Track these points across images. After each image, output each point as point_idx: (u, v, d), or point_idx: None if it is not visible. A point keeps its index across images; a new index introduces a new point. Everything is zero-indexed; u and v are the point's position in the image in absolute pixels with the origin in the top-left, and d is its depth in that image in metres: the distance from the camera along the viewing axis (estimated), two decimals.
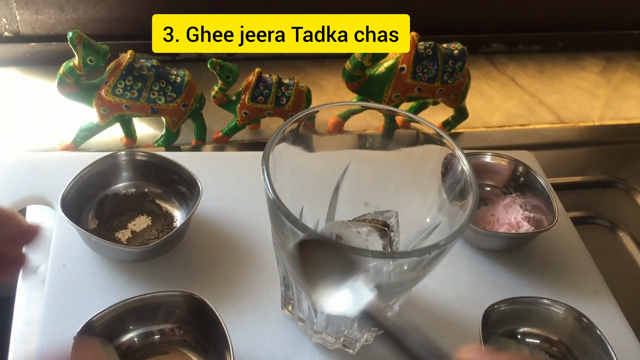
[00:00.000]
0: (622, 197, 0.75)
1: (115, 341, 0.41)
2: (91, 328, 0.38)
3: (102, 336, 0.40)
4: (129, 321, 0.42)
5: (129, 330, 0.42)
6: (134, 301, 0.41)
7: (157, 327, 0.43)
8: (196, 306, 0.42)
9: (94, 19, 0.74)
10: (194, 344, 0.43)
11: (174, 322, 0.43)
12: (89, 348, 0.34)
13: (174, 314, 0.43)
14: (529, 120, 0.82)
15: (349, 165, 0.45)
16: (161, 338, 0.43)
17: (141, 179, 0.55)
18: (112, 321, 0.41)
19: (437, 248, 0.34)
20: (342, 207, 0.46)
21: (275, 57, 0.84)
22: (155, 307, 0.42)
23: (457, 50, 0.65)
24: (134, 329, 0.42)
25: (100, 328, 0.40)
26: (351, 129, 0.45)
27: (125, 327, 0.42)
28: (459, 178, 0.40)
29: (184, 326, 0.43)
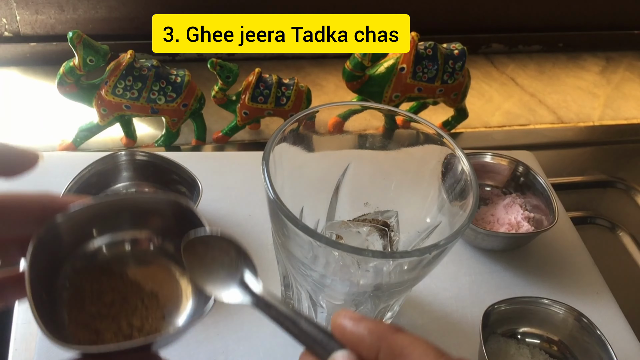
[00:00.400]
0: (622, 197, 0.75)
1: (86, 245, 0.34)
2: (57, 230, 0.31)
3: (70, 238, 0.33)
4: (102, 225, 0.34)
5: (102, 234, 0.35)
6: (113, 200, 0.35)
7: (138, 232, 0.35)
8: (181, 212, 0.35)
9: (94, 19, 0.74)
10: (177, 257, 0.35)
11: (155, 230, 0.36)
12: None
13: (156, 221, 0.36)
14: (529, 120, 0.82)
15: (349, 165, 0.45)
16: (140, 247, 0.36)
17: (141, 179, 0.55)
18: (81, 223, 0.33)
19: (437, 248, 0.34)
20: (342, 207, 0.46)
21: (275, 57, 0.84)
22: (137, 209, 0.35)
23: (457, 50, 0.65)
24: (107, 233, 0.35)
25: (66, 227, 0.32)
26: (351, 129, 0.45)
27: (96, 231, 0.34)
28: (459, 178, 0.40)
29: (166, 235, 0.36)
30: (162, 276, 0.35)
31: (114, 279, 0.34)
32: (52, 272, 0.32)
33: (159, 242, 0.35)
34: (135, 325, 0.32)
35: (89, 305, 0.32)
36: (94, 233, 0.34)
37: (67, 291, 0.32)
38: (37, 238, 0.29)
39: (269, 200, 0.36)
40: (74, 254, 0.33)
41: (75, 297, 0.32)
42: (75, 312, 0.31)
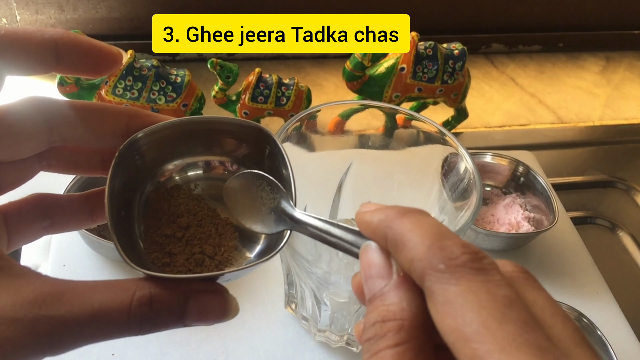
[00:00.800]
0: (622, 197, 0.75)
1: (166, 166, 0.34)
2: (135, 143, 0.30)
3: (150, 156, 0.32)
4: (184, 146, 0.33)
5: (183, 156, 0.34)
6: (197, 121, 0.33)
7: (220, 157, 0.34)
8: (261, 139, 0.33)
9: (94, 19, 0.74)
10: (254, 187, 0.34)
11: (234, 156, 0.35)
12: None
13: (237, 146, 0.34)
14: (529, 120, 0.82)
15: (351, 164, 0.45)
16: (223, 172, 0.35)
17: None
18: (162, 141, 0.32)
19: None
20: (345, 206, 0.46)
21: (275, 57, 0.84)
22: (219, 133, 0.34)
23: (457, 50, 0.65)
24: (188, 156, 0.34)
25: (147, 145, 0.31)
26: (353, 128, 0.45)
27: (179, 152, 0.34)
28: (462, 177, 0.40)
29: (245, 162, 0.34)
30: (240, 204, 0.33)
31: (192, 203, 0.33)
32: (132, 189, 0.32)
33: (238, 169, 0.34)
34: (207, 252, 0.31)
35: (165, 226, 0.32)
36: (175, 154, 0.34)
37: (145, 210, 0.32)
38: (120, 152, 0.29)
39: None
40: (154, 172, 0.33)
41: (153, 217, 0.32)
42: (152, 232, 0.31)
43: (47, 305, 0.22)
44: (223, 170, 0.35)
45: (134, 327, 0.24)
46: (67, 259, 0.49)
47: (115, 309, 0.23)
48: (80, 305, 0.23)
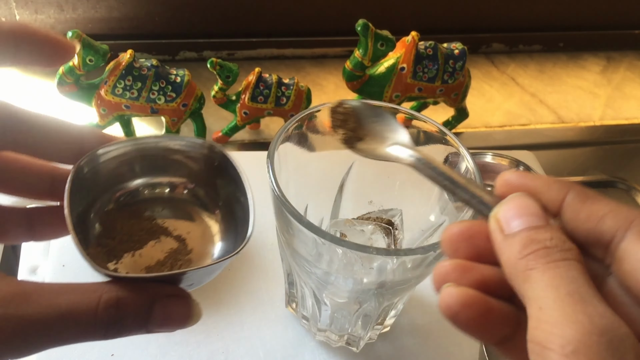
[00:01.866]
0: (623, 197, 0.75)
1: (120, 185, 0.35)
2: (96, 161, 0.32)
3: (106, 174, 0.33)
4: (138, 165, 0.35)
5: (138, 176, 0.36)
6: (148, 143, 0.34)
7: (168, 179, 0.36)
8: (214, 160, 0.35)
9: (94, 19, 0.74)
10: (208, 203, 0.37)
11: (186, 175, 0.36)
12: None
13: (187, 166, 0.36)
14: (530, 120, 0.82)
15: (353, 163, 0.45)
16: (170, 193, 0.37)
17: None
18: (120, 160, 0.34)
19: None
20: (346, 205, 0.46)
21: (275, 56, 0.83)
22: (170, 155, 0.35)
23: (457, 50, 0.65)
24: (143, 175, 0.36)
25: (106, 165, 0.33)
26: None
27: (134, 172, 0.35)
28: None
29: (197, 183, 0.36)
30: (190, 221, 0.35)
31: (144, 222, 0.35)
32: (86, 206, 0.32)
33: (190, 187, 0.36)
34: (166, 265, 0.33)
35: (118, 244, 0.33)
36: (129, 173, 0.35)
37: (98, 229, 0.33)
38: (78, 166, 0.30)
39: (273, 198, 0.36)
40: (108, 190, 0.34)
41: (106, 236, 0.33)
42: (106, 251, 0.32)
43: (14, 305, 0.22)
44: (179, 190, 0.36)
45: (99, 330, 0.24)
46: (67, 259, 0.49)
47: (82, 311, 0.23)
48: (47, 306, 0.22)
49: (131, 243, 0.33)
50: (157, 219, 0.35)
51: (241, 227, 0.34)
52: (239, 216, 0.34)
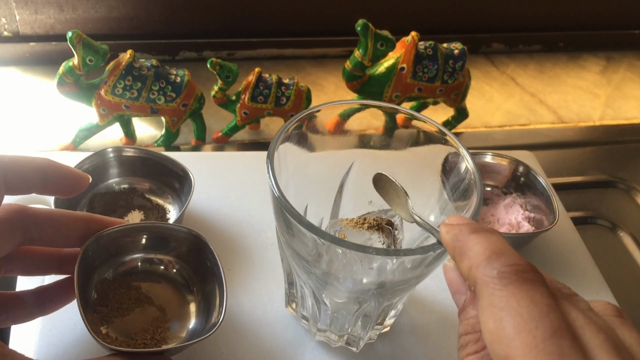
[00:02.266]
0: (623, 197, 0.75)
1: (115, 259, 0.43)
2: (100, 240, 0.40)
3: (108, 251, 0.42)
4: (133, 244, 0.44)
5: (130, 252, 0.44)
6: (144, 226, 0.44)
7: (158, 256, 0.45)
8: (197, 246, 0.43)
9: (94, 19, 0.74)
10: (189, 281, 0.45)
11: (173, 255, 0.45)
12: None
13: (173, 248, 0.45)
14: (530, 120, 0.82)
15: (353, 163, 0.45)
16: (159, 267, 0.45)
17: (130, 174, 0.55)
18: (118, 240, 0.42)
19: (441, 246, 0.34)
20: (346, 205, 0.46)
21: (275, 57, 0.84)
22: (157, 237, 0.44)
23: (457, 50, 0.65)
24: (135, 252, 0.44)
25: (107, 241, 0.41)
26: (353, 128, 0.45)
27: (128, 249, 0.44)
28: (463, 177, 0.40)
29: (181, 262, 0.45)
30: (171, 294, 0.44)
31: (132, 291, 0.43)
32: (86, 279, 0.40)
33: (177, 266, 0.45)
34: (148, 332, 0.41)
35: (110, 310, 0.41)
36: (124, 249, 0.43)
37: (94, 296, 0.41)
38: (84, 249, 0.38)
39: (273, 198, 0.36)
40: (105, 264, 0.42)
41: (100, 303, 0.41)
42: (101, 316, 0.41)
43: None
44: (165, 265, 0.45)
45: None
46: None
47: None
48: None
49: (120, 310, 0.41)
50: (142, 289, 0.43)
51: (214, 310, 0.41)
52: (213, 301, 0.42)
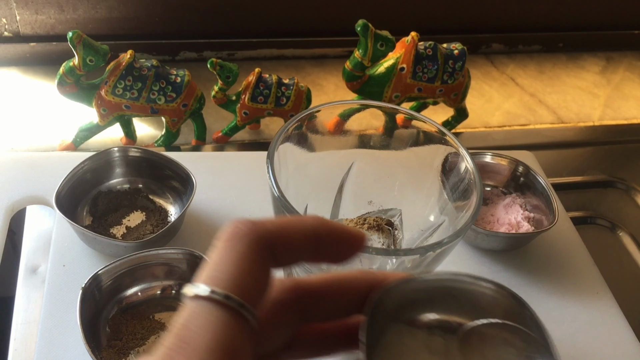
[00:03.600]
0: (622, 197, 0.75)
1: (121, 294, 0.44)
2: (98, 280, 0.40)
3: (108, 288, 0.43)
4: (133, 276, 0.44)
5: (133, 284, 0.45)
6: (138, 257, 0.44)
7: (159, 283, 0.46)
8: (196, 263, 0.44)
9: (94, 19, 0.74)
10: None
11: (175, 278, 0.46)
12: None
13: (175, 270, 0.46)
14: (529, 120, 0.82)
15: (353, 163, 0.45)
16: (162, 294, 0.46)
17: (135, 174, 0.55)
18: (117, 275, 0.43)
19: (440, 246, 0.34)
20: (346, 205, 0.46)
21: (275, 57, 0.84)
22: (158, 263, 0.45)
23: (457, 50, 0.65)
24: (138, 283, 0.45)
25: (106, 281, 0.43)
26: (353, 128, 0.45)
27: (130, 281, 0.44)
28: (462, 177, 0.40)
29: (184, 283, 0.46)
30: None
31: (144, 321, 0.44)
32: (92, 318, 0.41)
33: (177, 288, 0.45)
34: None
35: (125, 343, 0.42)
36: (124, 284, 0.44)
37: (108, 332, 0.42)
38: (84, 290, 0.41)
39: (273, 198, 0.36)
40: (110, 301, 0.43)
41: (114, 338, 0.42)
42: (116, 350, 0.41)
43: None
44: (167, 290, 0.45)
45: None
46: (67, 259, 0.49)
47: None
48: None
49: (135, 341, 0.41)
50: (154, 317, 0.44)
51: None
52: None
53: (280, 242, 0.23)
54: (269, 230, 0.23)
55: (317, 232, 0.25)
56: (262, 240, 0.22)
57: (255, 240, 0.22)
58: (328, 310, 0.26)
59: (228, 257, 0.22)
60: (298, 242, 0.24)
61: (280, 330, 0.25)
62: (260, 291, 0.22)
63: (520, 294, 0.54)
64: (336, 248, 0.25)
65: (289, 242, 0.24)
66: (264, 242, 0.22)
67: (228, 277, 0.21)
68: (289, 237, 0.24)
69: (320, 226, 0.25)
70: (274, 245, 0.23)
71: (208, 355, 0.19)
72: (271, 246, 0.23)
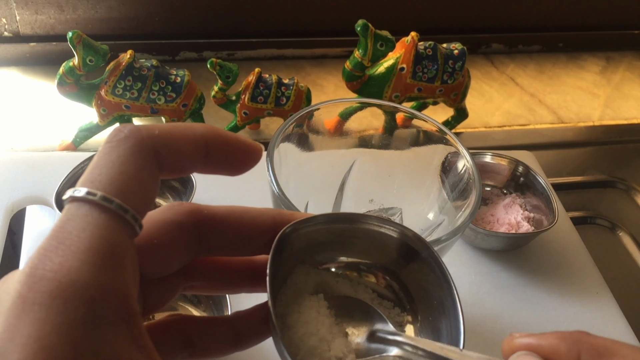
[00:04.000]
0: (622, 197, 0.75)
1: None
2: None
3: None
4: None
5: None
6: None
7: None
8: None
9: (94, 19, 0.74)
10: (190, 296, 0.44)
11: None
12: None
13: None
14: (529, 120, 0.82)
15: (354, 162, 0.45)
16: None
17: None
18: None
19: (439, 243, 0.34)
20: (347, 204, 0.46)
21: (275, 57, 0.84)
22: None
23: (457, 50, 0.65)
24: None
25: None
26: (354, 128, 0.45)
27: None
28: (462, 176, 0.40)
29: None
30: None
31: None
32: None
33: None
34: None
35: None
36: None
37: None
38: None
39: (272, 195, 0.36)
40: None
41: None
42: None
43: None
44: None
45: None
46: None
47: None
48: None
49: None
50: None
51: None
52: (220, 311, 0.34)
53: (166, 148, 0.22)
54: (153, 135, 0.22)
55: (206, 139, 0.23)
56: (146, 144, 0.21)
57: (138, 144, 0.21)
58: (231, 242, 0.25)
59: (109, 159, 0.21)
60: (186, 149, 0.23)
61: (175, 254, 0.24)
62: (145, 197, 0.21)
63: (520, 294, 0.54)
64: (228, 158, 0.24)
65: (176, 149, 0.22)
66: (148, 146, 0.21)
67: (107, 179, 0.20)
68: (175, 143, 0.22)
69: (210, 133, 0.24)
70: (159, 151, 0.22)
71: (86, 255, 0.18)
72: (156, 151, 0.22)
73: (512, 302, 0.52)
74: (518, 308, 0.51)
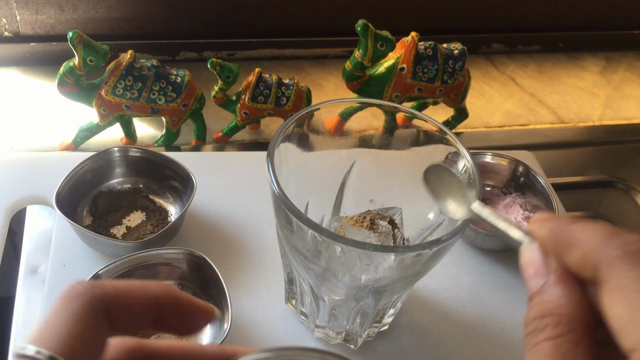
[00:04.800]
0: (622, 197, 0.75)
1: None
2: (98, 280, 0.40)
3: None
4: (133, 276, 0.44)
5: None
6: (139, 257, 0.44)
7: (165, 282, 0.46)
8: (197, 263, 0.45)
9: (94, 19, 0.74)
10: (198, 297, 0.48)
11: (176, 278, 0.46)
12: None
13: (176, 270, 0.46)
14: (529, 120, 0.82)
15: (355, 162, 0.45)
16: None
17: (135, 175, 0.55)
18: (117, 275, 0.43)
19: (439, 243, 0.34)
20: (347, 203, 0.47)
21: (275, 57, 0.84)
22: (158, 263, 0.45)
23: (457, 50, 0.65)
24: None
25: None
26: (354, 128, 0.45)
27: None
28: (462, 175, 0.40)
29: (185, 283, 0.46)
30: None
31: None
32: None
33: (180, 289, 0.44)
34: None
35: None
36: None
37: None
38: None
39: (273, 195, 0.36)
40: None
41: None
42: None
43: None
44: None
45: None
46: (67, 259, 0.49)
47: None
48: None
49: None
50: None
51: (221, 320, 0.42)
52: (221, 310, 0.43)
53: (117, 307, 0.23)
54: (106, 293, 0.22)
55: (160, 301, 0.24)
56: (97, 303, 0.22)
57: (90, 302, 0.22)
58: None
59: (60, 317, 0.21)
60: (137, 309, 0.23)
61: None
62: (91, 355, 0.22)
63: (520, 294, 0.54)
64: (180, 320, 0.25)
65: (127, 308, 0.23)
66: (99, 305, 0.22)
67: (56, 338, 0.20)
68: (127, 302, 0.23)
69: (165, 295, 0.24)
70: (111, 309, 0.22)
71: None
72: (107, 310, 0.22)
73: (512, 302, 0.52)
74: (518, 308, 0.51)
